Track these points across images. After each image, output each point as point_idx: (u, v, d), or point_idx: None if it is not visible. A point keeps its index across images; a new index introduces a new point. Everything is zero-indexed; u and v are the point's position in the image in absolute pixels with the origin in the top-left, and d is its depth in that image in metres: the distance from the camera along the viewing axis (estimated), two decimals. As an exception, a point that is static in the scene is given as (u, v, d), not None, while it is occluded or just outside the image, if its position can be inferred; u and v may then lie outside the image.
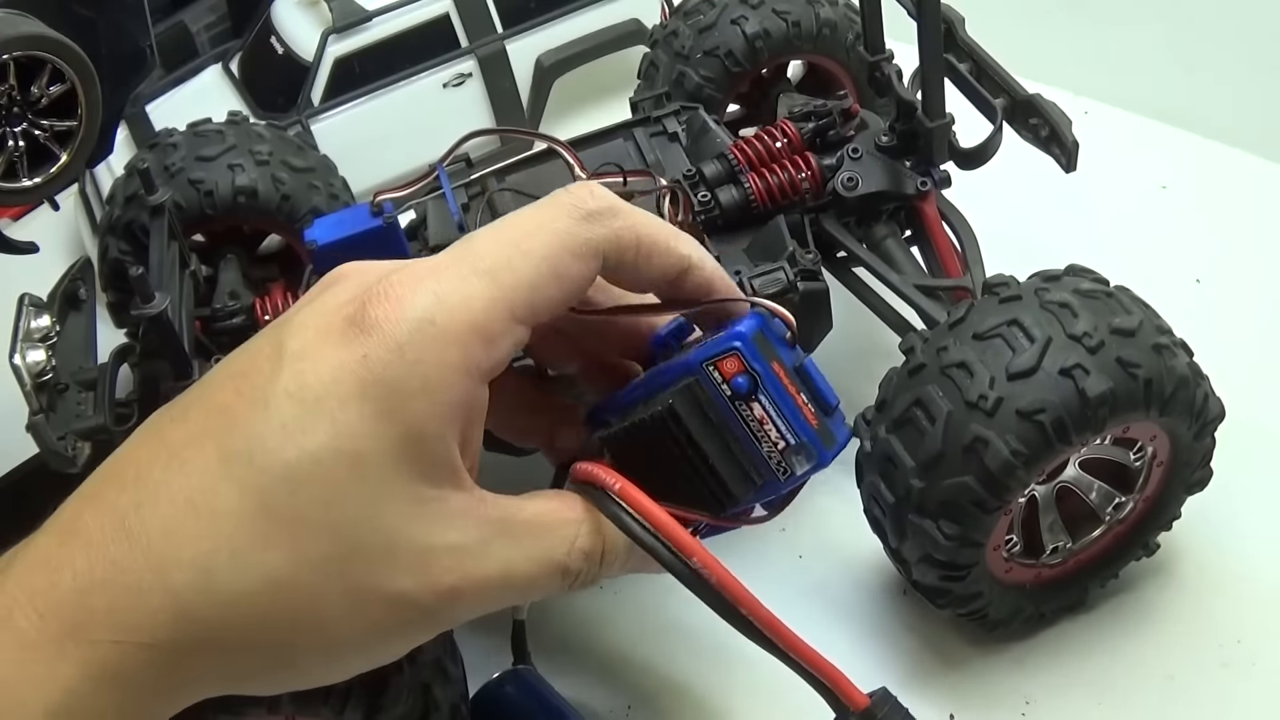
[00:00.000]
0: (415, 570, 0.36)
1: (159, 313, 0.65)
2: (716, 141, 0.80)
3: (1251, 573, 0.74)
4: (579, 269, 0.38)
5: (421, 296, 0.36)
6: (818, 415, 0.42)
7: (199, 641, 0.35)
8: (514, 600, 0.40)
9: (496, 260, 0.37)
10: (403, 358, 0.35)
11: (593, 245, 0.38)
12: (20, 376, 0.70)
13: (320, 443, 0.35)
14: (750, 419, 0.41)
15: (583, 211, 0.38)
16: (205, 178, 0.87)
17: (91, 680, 0.35)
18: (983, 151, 0.78)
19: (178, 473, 0.36)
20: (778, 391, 0.41)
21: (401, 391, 0.35)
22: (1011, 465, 0.61)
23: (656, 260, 0.40)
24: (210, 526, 0.35)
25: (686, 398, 0.41)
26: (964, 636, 0.72)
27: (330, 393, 0.35)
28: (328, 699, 0.54)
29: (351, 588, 0.36)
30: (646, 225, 0.40)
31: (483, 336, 0.36)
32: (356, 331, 0.35)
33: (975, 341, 0.63)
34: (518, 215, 0.39)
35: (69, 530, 0.37)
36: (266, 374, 0.36)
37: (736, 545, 0.81)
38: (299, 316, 0.37)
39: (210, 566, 0.35)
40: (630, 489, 0.40)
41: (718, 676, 0.70)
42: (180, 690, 0.37)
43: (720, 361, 0.41)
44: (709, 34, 0.93)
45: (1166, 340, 0.63)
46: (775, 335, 0.42)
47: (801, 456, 0.41)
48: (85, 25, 0.71)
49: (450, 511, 0.37)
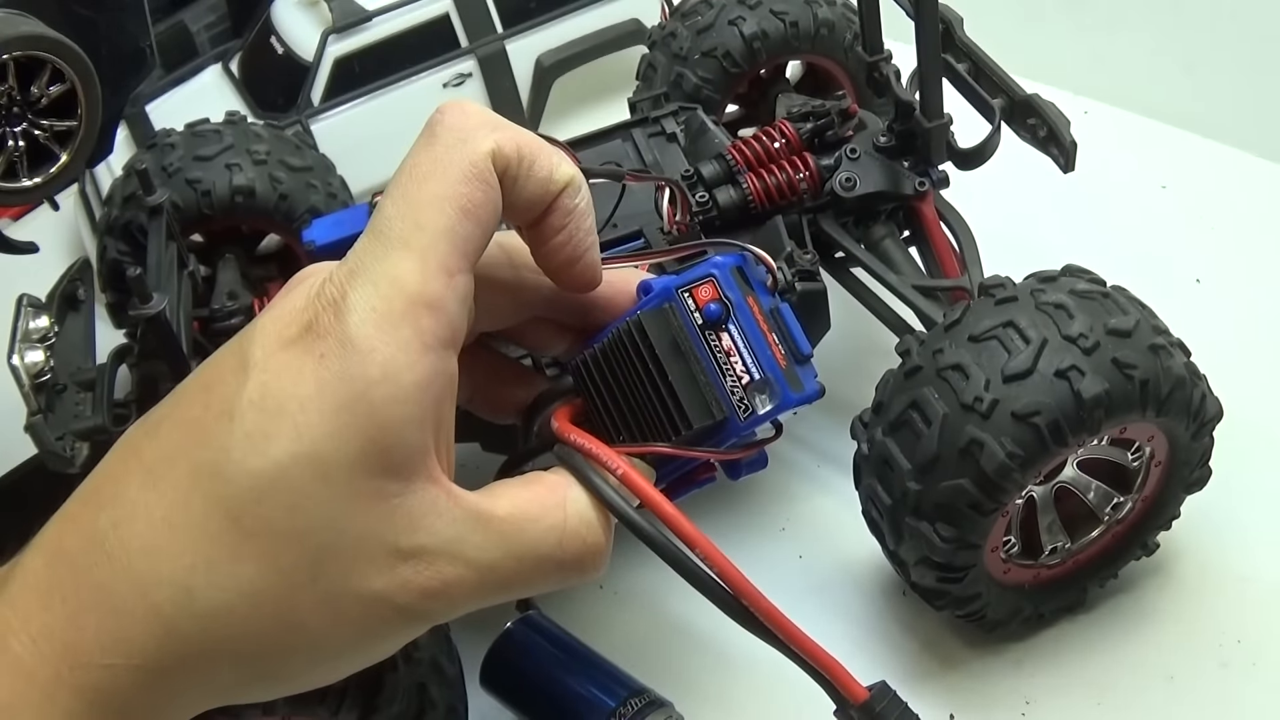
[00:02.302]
0: (387, 571, 0.35)
1: (157, 313, 0.65)
2: (715, 142, 0.80)
3: (1252, 572, 0.74)
4: (482, 192, 0.37)
5: (358, 288, 0.35)
6: (787, 358, 0.41)
7: (186, 658, 0.35)
8: (504, 597, 0.38)
9: (404, 224, 0.36)
10: (357, 350, 0.35)
11: (481, 164, 0.37)
12: (19, 377, 0.70)
13: (283, 449, 0.34)
14: (718, 348, 0.40)
15: (459, 133, 0.38)
16: (203, 177, 0.87)
17: (87, 703, 0.35)
18: (981, 152, 0.78)
19: (152, 490, 0.36)
20: (748, 323, 0.40)
21: (362, 381, 0.34)
22: (1007, 468, 0.61)
23: (538, 171, 0.39)
24: (187, 543, 0.35)
25: (658, 319, 0.41)
26: (964, 637, 0.72)
27: (291, 397, 0.35)
28: (323, 699, 0.54)
29: (326, 593, 0.35)
30: (523, 134, 0.39)
31: (425, 304, 0.35)
32: (312, 336, 0.35)
33: (971, 343, 0.63)
34: (408, 160, 0.38)
35: (53, 551, 0.37)
36: (231, 386, 0.36)
37: (736, 545, 0.82)
38: (260, 323, 0.37)
39: (189, 583, 0.35)
40: (633, 475, 0.39)
41: (718, 677, 0.70)
42: (175, 708, 0.37)
43: (695, 288, 0.40)
44: (707, 35, 0.93)
45: (1163, 340, 0.63)
46: (756, 277, 0.42)
47: (765, 395, 0.40)
48: (85, 25, 0.71)
49: (420, 509, 0.36)
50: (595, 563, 0.39)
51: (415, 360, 0.35)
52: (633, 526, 0.39)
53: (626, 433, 0.42)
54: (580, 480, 0.39)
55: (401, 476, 0.35)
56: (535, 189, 0.39)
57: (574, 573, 0.39)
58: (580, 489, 0.39)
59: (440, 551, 0.36)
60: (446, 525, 0.36)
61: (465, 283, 0.37)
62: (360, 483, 0.35)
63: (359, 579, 0.35)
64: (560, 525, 0.38)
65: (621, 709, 0.65)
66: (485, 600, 0.38)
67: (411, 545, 0.36)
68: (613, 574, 0.77)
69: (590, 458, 0.40)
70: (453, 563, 0.36)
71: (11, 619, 0.35)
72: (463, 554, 0.36)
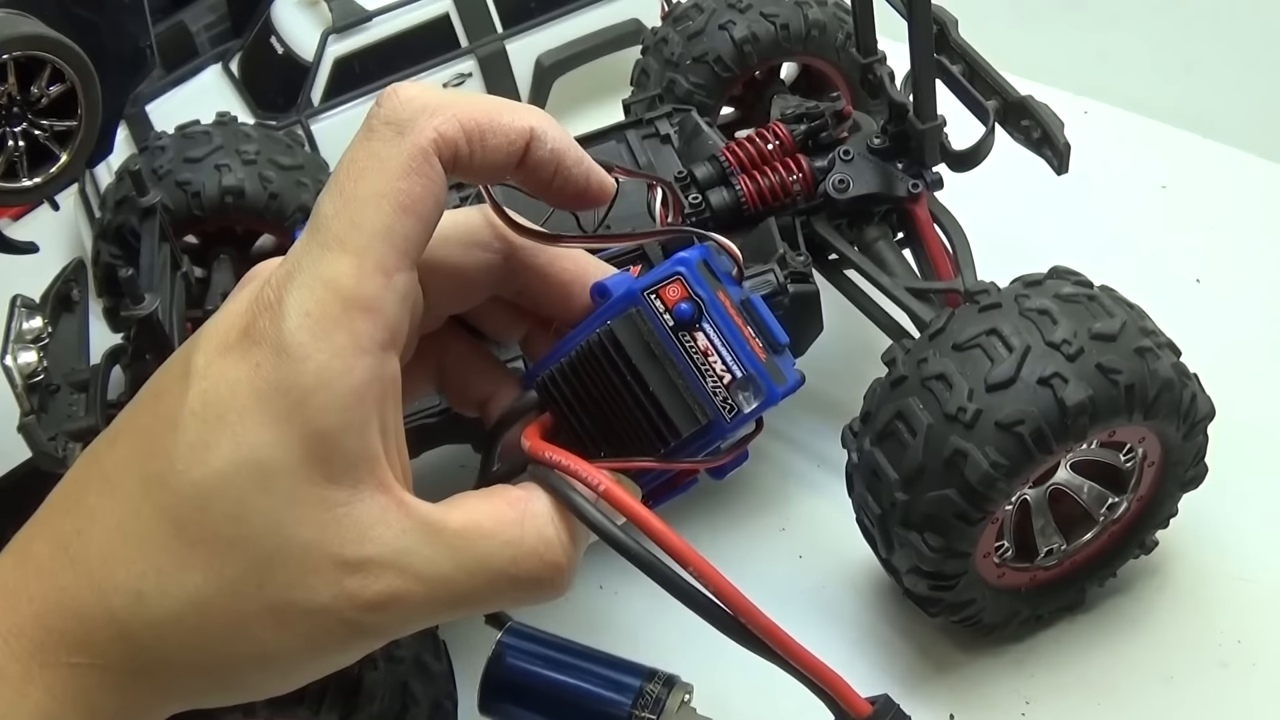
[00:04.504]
0: (332, 584, 0.35)
1: (148, 314, 0.65)
2: (708, 144, 0.80)
3: (1251, 573, 0.74)
4: (422, 186, 0.36)
5: (293, 292, 0.35)
6: (766, 350, 0.39)
7: (144, 664, 0.35)
8: (460, 613, 0.37)
9: (340, 223, 0.35)
10: (290, 357, 0.34)
11: (419, 158, 0.36)
12: (11, 378, 0.70)
13: (224, 458, 0.34)
14: (694, 350, 0.39)
15: (396, 125, 0.36)
16: (192, 179, 0.87)
17: (59, 702, 0.35)
18: (975, 153, 0.77)
19: (109, 497, 0.36)
20: (723, 320, 0.39)
21: (297, 391, 0.34)
22: (991, 477, 0.60)
23: (493, 140, 0.37)
24: (137, 551, 0.35)
25: (627, 326, 0.39)
26: (962, 639, 0.72)
27: (230, 407, 0.34)
28: (303, 699, 0.55)
29: (272, 604, 0.35)
30: (469, 108, 0.37)
31: (361, 307, 0.34)
32: (249, 342, 0.35)
33: (955, 352, 0.63)
34: (346, 155, 0.36)
35: (23, 554, 0.37)
36: (176, 394, 0.35)
37: (735, 546, 0.82)
38: (205, 331, 0.37)
39: (141, 590, 0.35)
40: (615, 490, 0.37)
41: (717, 679, 0.70)
42: (145, 709, 0.37)
43: (662, 288, 0.39)
44: (698, 40, 0.93)
45: (1150, 342, 0.62)
46: (721, 269, 0.40)
47: (749, 392, 0.39)
48: (85, 25, 0.71)
49: (367, 519, 0.35)
50: (555, 580, 0.37)
51: (351, 365, 0.34)
52: (618, 546, 0.37)
53: (606, 447, 0.40)
54: (560, 499, 0.38)
55: (346, 485, 0.35)
56: (496, 157, 0.38)
57: (531, 590, 0.37)
58: (543, 503, 0.38)
59: (388, 563, 0.35)
60: (395, 536, 0.35)
61: (405, 281, 0.36)
62: (303, 491, 0.34)
63: (305, 590, 0.35)
64: (516, 541, 0.37)
65: (641, 698, 0.64)
66: (438, 616, 0.37)
67: (358, 556, 0.35)
68: (613, 574, 0.78)
69: (568, 475, 0.38)
70: (401, 575, 0.35)
71: None
72: (411, 566, 0.35)
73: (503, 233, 0.41)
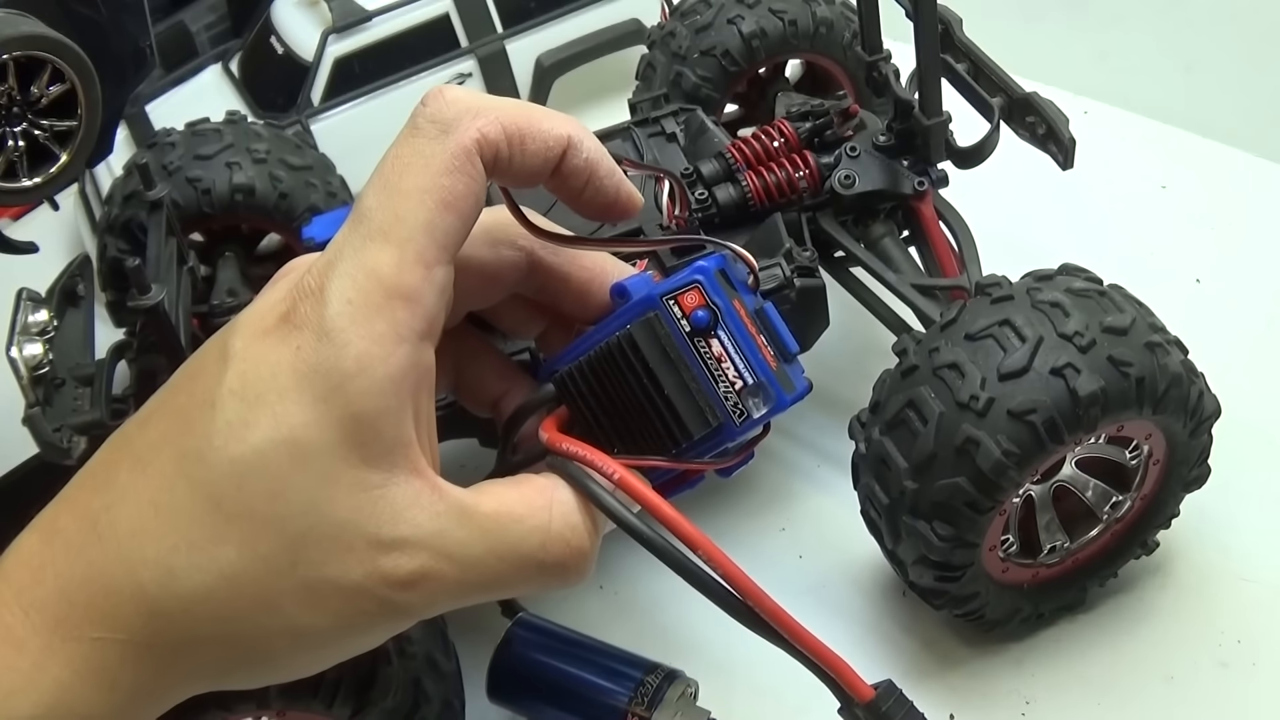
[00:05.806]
0: (365, 561, 0.35)
1: (155, 304, 0.65)
2: (714, 141, 0.81)
3: (1252, 573, 0.74)
4: (463, 185, 0.37)
5: (335, 279, 0.36)
6: (777, 359, 0.41)
7: (171, 638, 0.36)
8: (485, 596, 0.38)
9: (384, 216, 0.36)
10: (332, 342, 0.35)
11: (462, 156, 0.37)
12: (17, 369, 0.70)
13: (263, 436, 0.35)
14: (709, 356, 0.40)
15: (441, 124, 0.37)
16: (203, 176, 0.87)
17: (78, 675, 0.35)
18: (980, 150, 0.78)
19: (141, 475, 0.36)
20: (738, 328, 0.40)
21: (337, 375, 0.35)
22: (1003, 466, 0.60)
23: (532, 145, 0.38)
24: (170, 525, 0.35)
25: (646, 330, 0.40)
26: (964, 637, 0.72)
27: (270, 387, 0.35)
28: (317, 693, 0.54)
29: (305, 580, 0.35)
30: (511, 113, 0.38)
31: (402, 296, 0.36)
32: (289, 327, 0.36)
33: (967, 342, 0.63)
34: (391, 150, 0.38)
35: (50, 530, 0.37)
36: (213, 375, 0.36)
37: (736, 545, 0.81)
38: (242, 317, 0.38)
39: (172, 564, 0.35)
40: (630, 479, 0.39)
41: (718, 678, 0.70)
42: (165, 686, 0.37)
43: (681, 295, 0.40)
44: (706, 34, 0.93)
45: (1159, 338, 0.63)
46: (737, 277, 0.41)
47: (759, 398, 0.40)
48: (85, 25, 0.71)
49: (402, 501, 0.36)
50: (578, 567, 0.39)
51: (390, 353, 0.35)
52: (634, 532, 0.39)
53: (619, 443, 0.41)
54: (578, 487, 0.39)
55: (382, 468, 0.36)
56: (534, 162, 0.39)
57: (556, 576, 0.38)
58: (567, 492, 0.39)
59: (422, 544, 0.36)
60: (429, 518, 0.36)
61: (443, 274, 0.37)
62: (340, 472, 0.35)
63: (338, 567, 0.35)
64: (545, 526, 0.38)
65: (641, 689, 0.65)
66: (466, 598, 0.37)
67: (393, 536, 0.36)
68: (613, 574, 0.78)
69: (586, 464, 0.39)
70: (434, 556, 0.36)
71: (4, 591, 0.36)
72: (444, 548, 0.36)
73: (524, 232, 0.42)
